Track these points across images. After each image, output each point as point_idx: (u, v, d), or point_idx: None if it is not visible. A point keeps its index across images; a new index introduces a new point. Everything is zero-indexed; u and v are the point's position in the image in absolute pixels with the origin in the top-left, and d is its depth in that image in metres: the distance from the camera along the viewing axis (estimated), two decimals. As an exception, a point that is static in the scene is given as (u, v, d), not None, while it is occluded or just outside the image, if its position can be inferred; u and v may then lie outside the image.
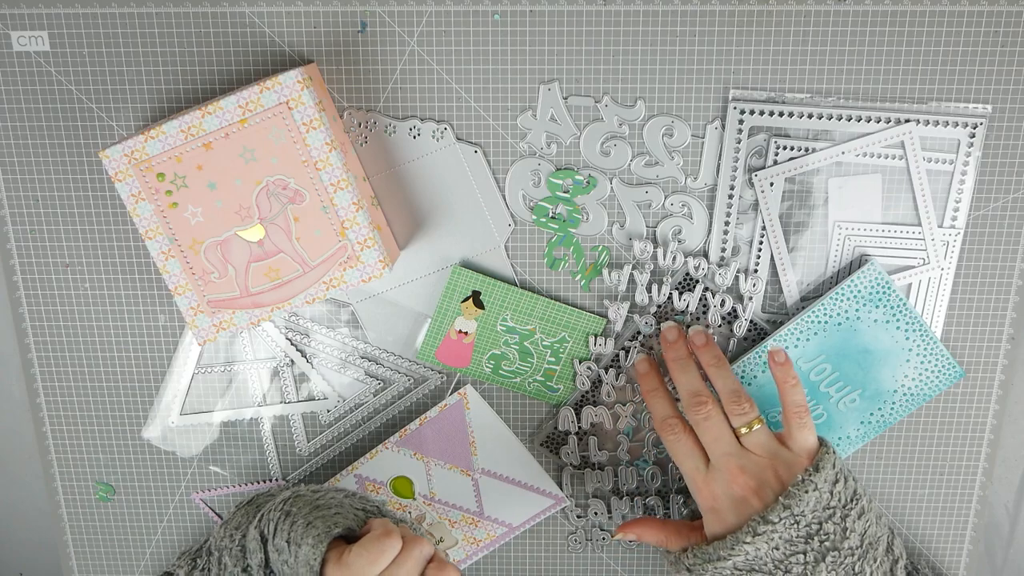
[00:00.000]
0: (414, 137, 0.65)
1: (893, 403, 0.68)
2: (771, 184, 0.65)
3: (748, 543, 0.57)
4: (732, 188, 0.65)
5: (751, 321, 0.68)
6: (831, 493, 0.58)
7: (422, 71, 0.64)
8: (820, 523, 0.58)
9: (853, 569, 0.58)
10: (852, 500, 0.59)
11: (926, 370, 0.68)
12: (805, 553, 0.57)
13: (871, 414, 0.69)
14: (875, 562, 0.59)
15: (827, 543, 0.58)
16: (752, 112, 0.64)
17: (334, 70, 0.64)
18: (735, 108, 0.64)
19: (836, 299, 0.66)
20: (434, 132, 0.65)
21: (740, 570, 0.59)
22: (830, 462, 0.59)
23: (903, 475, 0.72)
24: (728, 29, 0.62)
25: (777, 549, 0.58)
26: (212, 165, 0.59)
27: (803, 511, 0.57)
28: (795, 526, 0.57)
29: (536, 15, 0.62)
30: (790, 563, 0.58)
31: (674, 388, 0.67)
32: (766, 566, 0.58)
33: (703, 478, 0.61)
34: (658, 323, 0.68)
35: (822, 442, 0.62)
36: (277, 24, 0.63)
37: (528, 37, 0.63)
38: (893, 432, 0.71)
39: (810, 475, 0.58)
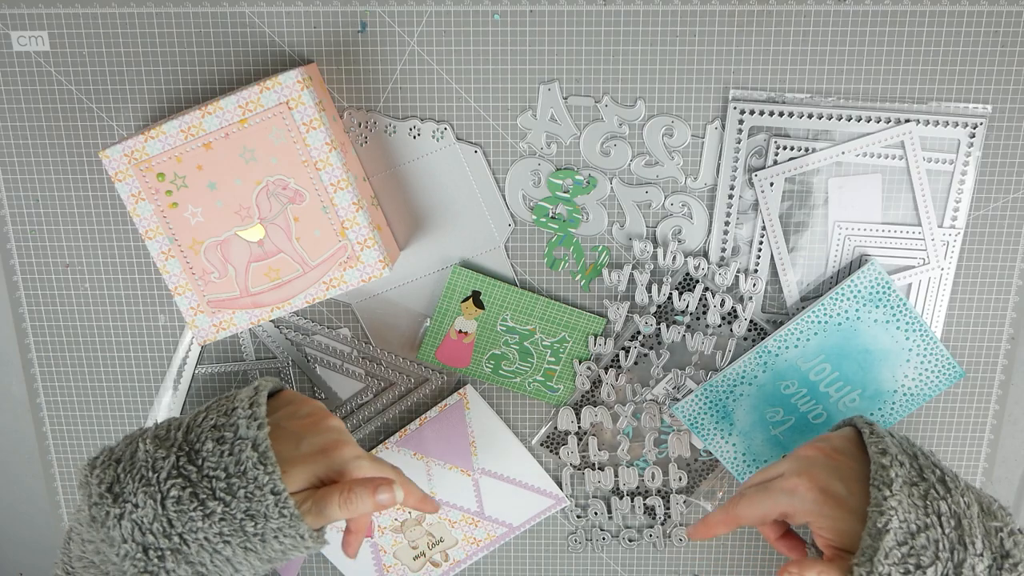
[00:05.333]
0: (414, 137, 0.65)
1: (893, 403, 0.68)
2: (771, 184, 0.65)
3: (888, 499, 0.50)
4: (732, 188, 0.65)
5: (751, 321, 0.68)
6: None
7: (422, 71, 0.64)
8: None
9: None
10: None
11: (926, 370, 0.68)
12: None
13: (871, 414, 0.69)
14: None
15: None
16: (752, 112, 0.64)
17: (334, 70, 0.64)
18: (735, 108, 0.64)
19: (836, 299, 0.66)
20: (434, 132, 0.65)
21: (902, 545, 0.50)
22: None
23: (903, 475, 0.72)
24: (728, 29, 0.62)
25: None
26: (212, 165, 0.59)
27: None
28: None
29: (536, 15, 0.62)
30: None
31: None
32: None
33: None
34: (658, 323, 0.68)
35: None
36: (277, 24, 0.63)
37: (528, 37, 0.63)
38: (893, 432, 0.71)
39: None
